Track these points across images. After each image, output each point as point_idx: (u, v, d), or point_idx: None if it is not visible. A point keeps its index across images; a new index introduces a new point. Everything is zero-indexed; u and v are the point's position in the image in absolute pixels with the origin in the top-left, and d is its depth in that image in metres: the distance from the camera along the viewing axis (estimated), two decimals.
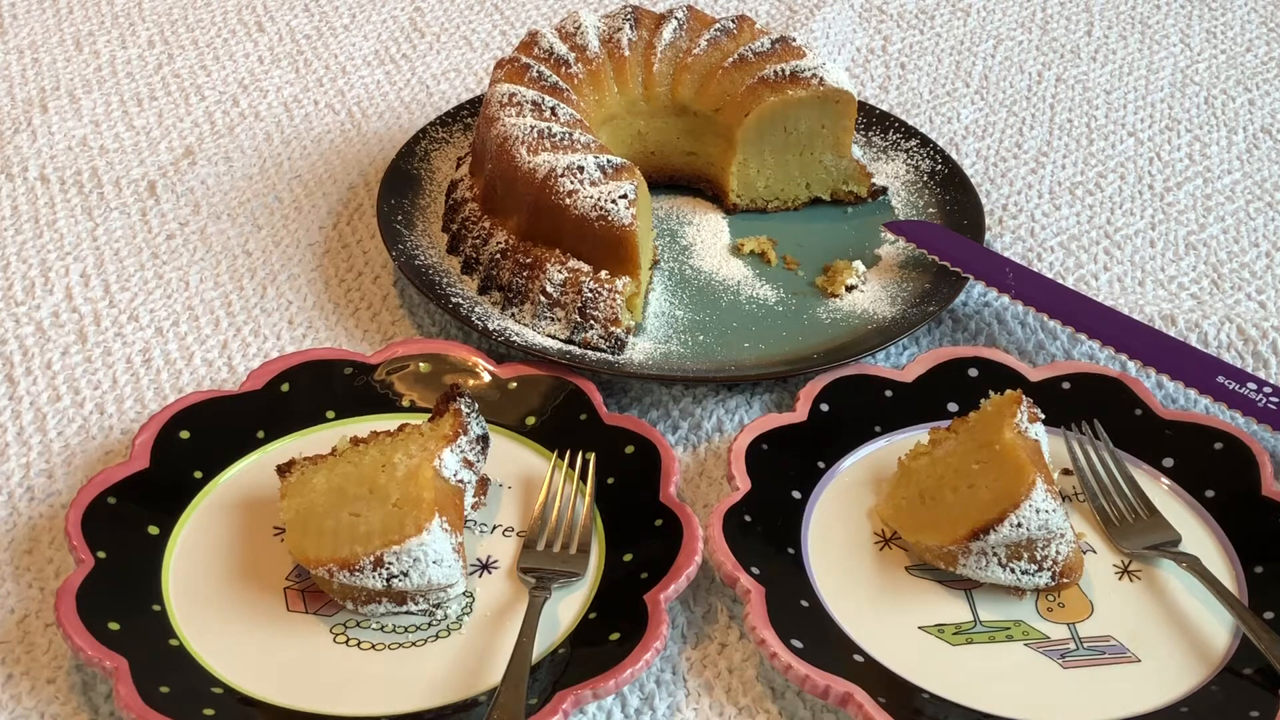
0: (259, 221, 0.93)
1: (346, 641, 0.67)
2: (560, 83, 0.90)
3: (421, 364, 0.81)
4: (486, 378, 0.80)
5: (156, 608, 0.67)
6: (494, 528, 0.73)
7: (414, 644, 0.67)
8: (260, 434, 0.76)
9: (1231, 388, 0.80)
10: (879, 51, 1.16)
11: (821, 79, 0.91)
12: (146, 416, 0.80)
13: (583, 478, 0.75)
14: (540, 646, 0.67)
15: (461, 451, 0.72)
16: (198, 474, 0.73)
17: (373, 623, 0.68)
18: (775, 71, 0.91)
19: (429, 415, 0.75)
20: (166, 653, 0.65)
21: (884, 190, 0.96)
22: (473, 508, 0.73)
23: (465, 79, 1.10)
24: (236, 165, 0.98)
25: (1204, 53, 1.18)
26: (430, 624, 0.68)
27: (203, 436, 0.75)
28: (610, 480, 0.75)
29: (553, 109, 0.87)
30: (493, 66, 0.99)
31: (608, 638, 0.67)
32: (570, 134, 0.85)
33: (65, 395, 0.80)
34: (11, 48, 1.11)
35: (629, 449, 0.76)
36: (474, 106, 0.99)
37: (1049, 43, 1.18)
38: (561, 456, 0.76)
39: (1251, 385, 0.80)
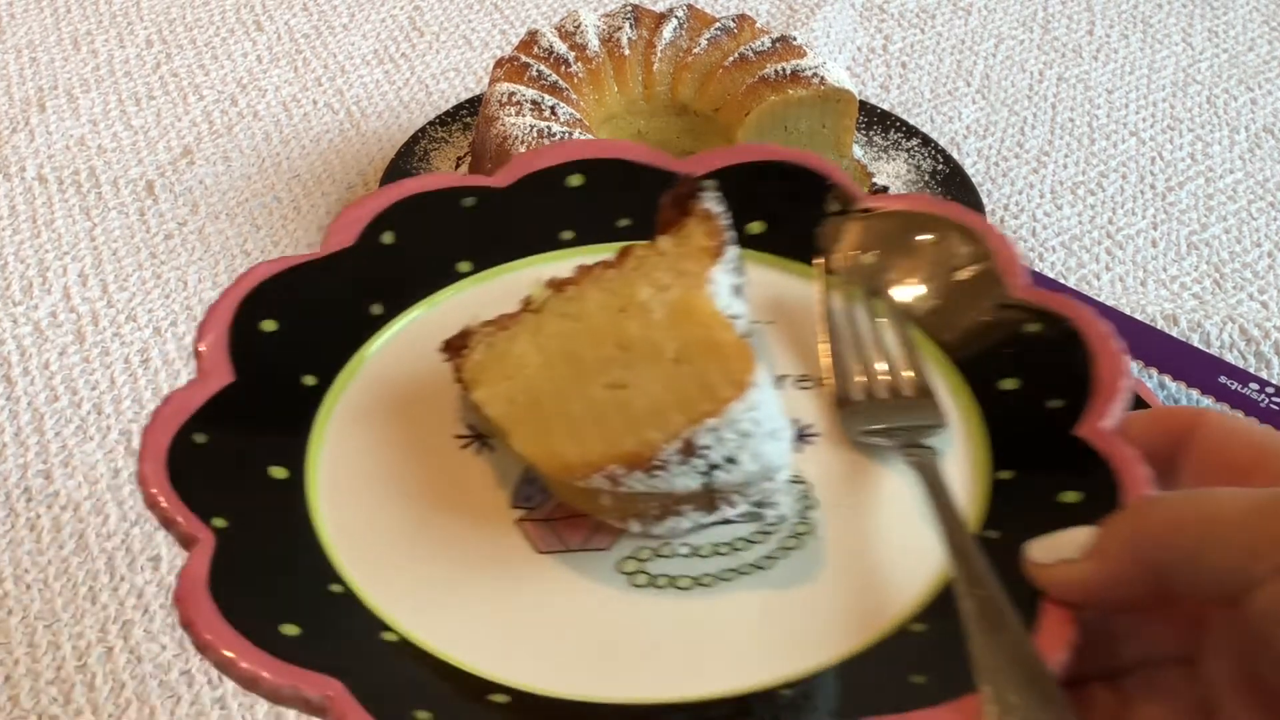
0: (258, 221, 0.93)
1: (651, 582, 0.45)
2: (560, 82, 0.90)
3: (572, 177, 0.57)
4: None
5: (336, 588, 0.44)
6: (779, 379, 0.51)
7: (755, 566, 0.45)
8: (377, 309, 0.53)
9: (1234, 388, 0.80)
10: (880, 51, 1.16)
11: (822, 78, 0.90)
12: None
13: (871, 288, 0.54)
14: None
15: (732, 270, 0.51)
16: (309, 379, 0.50)
17: (678, 546, 0.46)
18: (776, 71, 0.90)
19: (647, 236, 0.52)
20: (386, 655, 0.43)
21: (885, 190, 0.96)
22: None
23: (464, 78, 1.09)
24: (235, 165, 0.98)
25: (1206, 52, 1.18)
26: (765, 531, 0.46)
27: (296, 323, 0.51)
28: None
29: (552, 108, 0.87)
30: (492, 65, 0.99)
31: (1055, 499, 0.46)
32: (570, 134, 0.85)
33: (63, 395, 0.80)
34: (9, 47, 1.11)
35: (923, 236, 0.55)
36: (473, 106, 0.99)
37: (1050, 42, 1.18)
38: (828, 267, 0.55)
39: (1254, 385, 0.80)
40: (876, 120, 1.01)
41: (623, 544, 0.46)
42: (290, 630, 0.42)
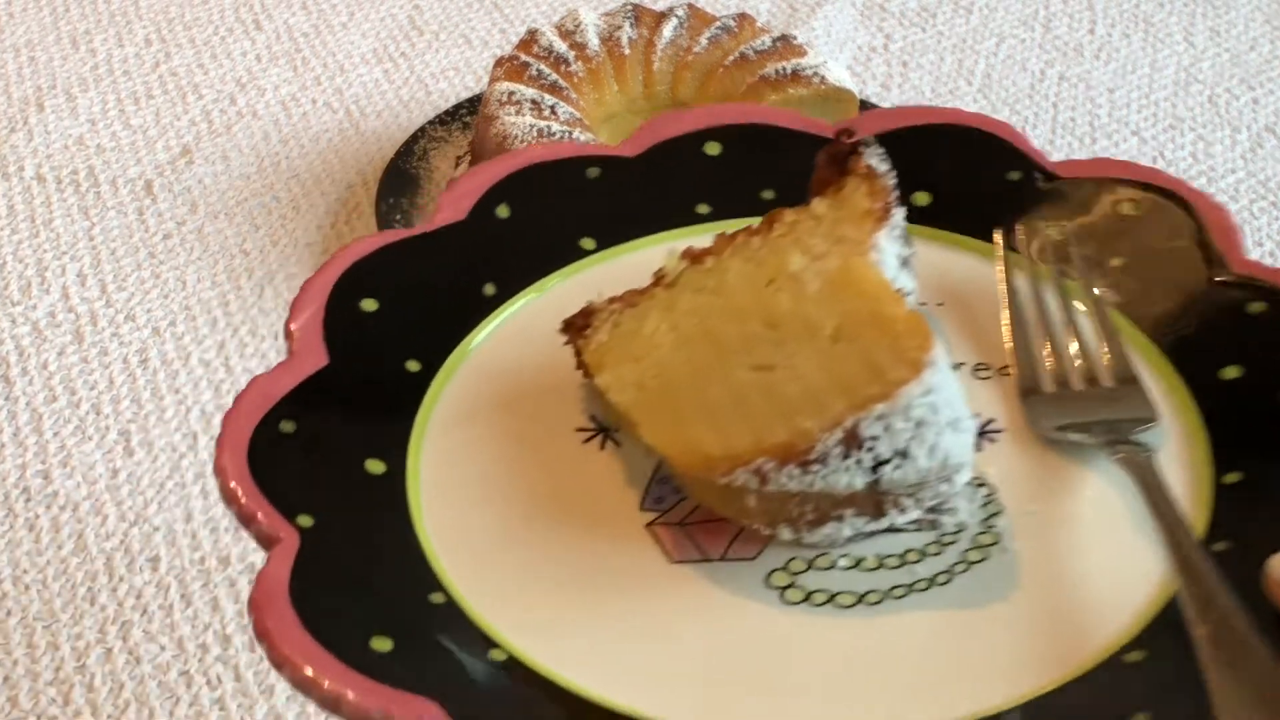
0: (256, 221, 0.93)
1: (806, 598, 0.39)
2: (560, 81, 0.90)
3: (709, 145, 0.51)
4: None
5: (437, 598, 0.39)
6: (955, 366, 0.45)
7: (930, 581, 0.39)
8: (489, 289, 0.48)
9: None
10: (880, 49, 1.15)
11: (823, 77, 0.90)
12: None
13: (1062, 266, 0.47)
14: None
15: (899, 239, 0.44)
16: (413, 365, 0.45)
17: (836, 557, 0.40)
18: (776, 70, 0.90)
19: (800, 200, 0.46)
20: (491, 676, 0.38)
21: None
22: None
23: (464, 77, 1.09)
24: (234, 164, 0.98)
25: (1208, 51, 1.17)
26: (942, 543, 0.40)
27: (401, 305, 0.47)
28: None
29: (552, 107, 0.87)
30: (492, 65, 0.99)
31: None
32: (570, 133, 0.85)
33: (62, 395, 0.80)
34: (8, 46, 1.11)
35: (1121, 205, 0.49)
36: (473, 105, 0.98)
37: (1052, 41, 1.18)
38: (1007, 241, 0.48)
39: None
40: None
41: (771, 553, 0.40)
42: (382, 645, 0.37)
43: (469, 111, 0.98)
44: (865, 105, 1.00)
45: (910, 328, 0.38)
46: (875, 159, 0.45)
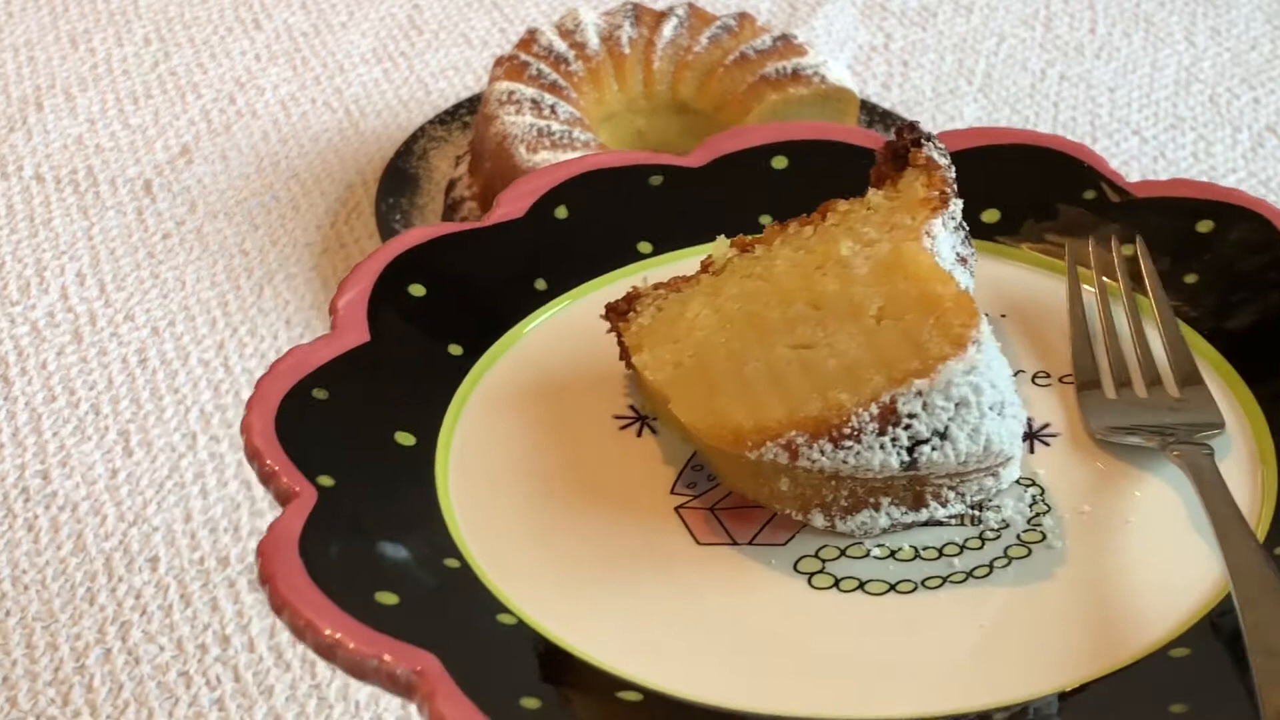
0: (256, 221, 0.93)
1: (835, 584, 0.38)
2: (560, 80, 0.90)
3: (776, 158, 0.52)
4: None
5: (451, 562, 0.39)
6: (1015, 374, 0.42)
7: (968, 574, 0.38)
8: (540, 284, 0.48)
9: None
10: (881, 49, 1.15)
11: (823, 77, 0.90)
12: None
13: (1133, 277, 0.46)
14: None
15: (955, 225, 0.43)
16: (455, 349, 0.45)
17: (870, 546, 0.38)
18: (777, 69, 0.90)
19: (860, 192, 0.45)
20: (497, 637, 0.37)
21: None
22: None
23: (464, 77, 1.09)
24: (233, 164, 0.98)
25: (1208, 51, 1.17)
26: (981, 539, 0.38)
27: (449, 293, 0.47)
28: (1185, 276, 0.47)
29: (552, 107, 0.87)
30: (492, 64, 0.99)
31: None
32: (570, 132, 0.85)
33: (61, 395, 0.80)
34: (6, 45, 1.10)
35: (1196, 224, 0.48)
36: (473, 105, 0.98)
37: (1052, 40, 1.18)
38: (1076, 258, 0.48)
39: None
40: (878, 119, 1.00)
41: (802, 540, 0.38)
42: (387, 598, 0.36)
43: (469, 111, 0.98)
44: (866, 105, 1.00)
45: (957, 305, 0.37)
46: (935, 151, 0.44)
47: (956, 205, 0.43)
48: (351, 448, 0.41)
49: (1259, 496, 0.40)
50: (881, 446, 0.36)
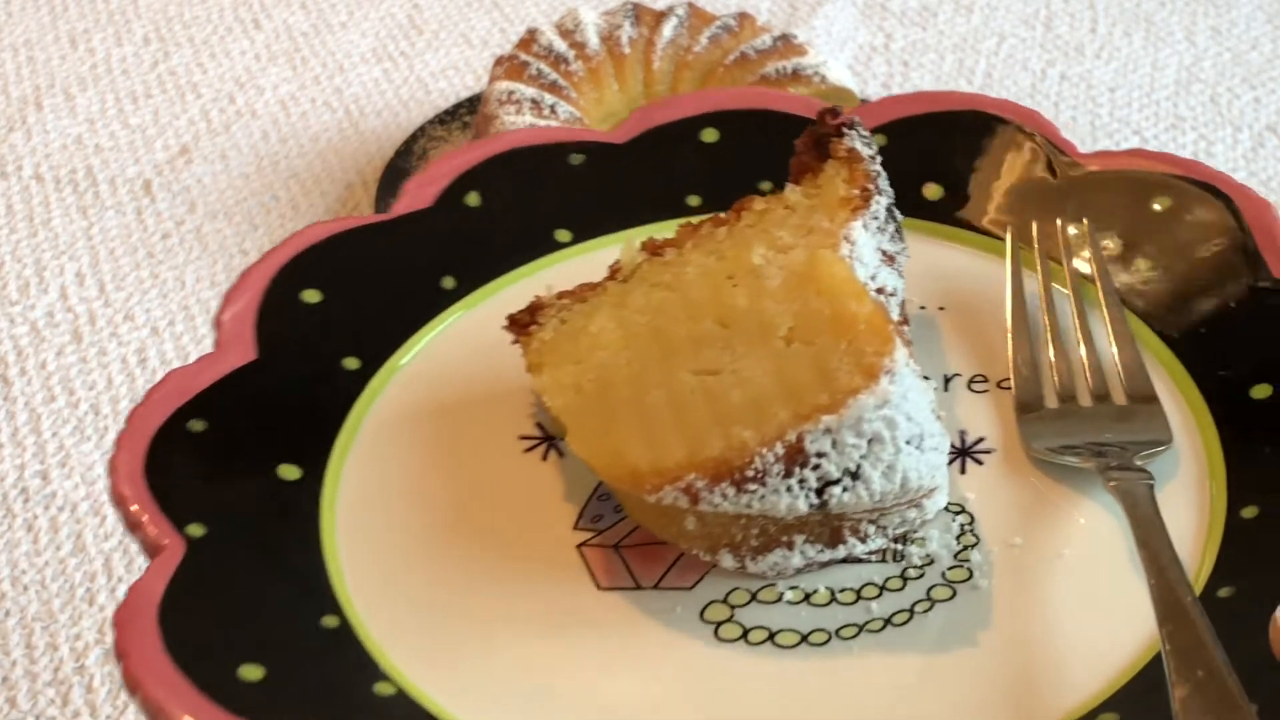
0: (255, 221, 0.93)
1: (743, 635, 0.35)
2: (559, 80, 0.90)
3: (705, 131, 0.47)
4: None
5: (330, 621, 0.36)
6: (947, 380, 0.41)
7: (888, 622, 0.35)
8: (448, 282, 0.44)
9: None
10: (881, 49, 1.15)
11: (824, 76, 0.90)
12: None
13: (1079, 269, 0.43)
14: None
15: (878, 227, 0.40)
16: (350, 362, 0.42)
17: (783, 589, 0.36)
18: (777, 69, 0.90)
19: (776, 188, 0.42)
20: (374, 713, 0.34)
21: None
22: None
23: (464, 76, 1.09)
24: (233, 164, 0.98)
25: (1209, 50, 1.17)
26: (903, 578, 0.36)
27: (347, 298, 0.43)
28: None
29: (552, 107, 0.87)
30: (491, 64, 0.98)
31: None
32: None
33: (60, 395, 0.80)
34: (6, 45, 1.10)
35: (1151, 202, 0.43)
36: (473, 104, 0.98)
37: (1053, 40, 1.18)
38: (1021, 239, 0.43)
39: None
40: None
41: (711, 582, 0.36)
42: (252, 673, 0.33)
43: (469, 111, 0.98)
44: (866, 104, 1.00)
45: (870, 328, 0.34)
46: (859, 141, 0.41)
47: (880, 203, 0.40)
48: (228, 488, 0.37)
49: (1206, 517, 0.36)
50: (788, 489, 0.33)
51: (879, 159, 0.41)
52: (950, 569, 0.36)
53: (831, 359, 0.33)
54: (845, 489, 0.33)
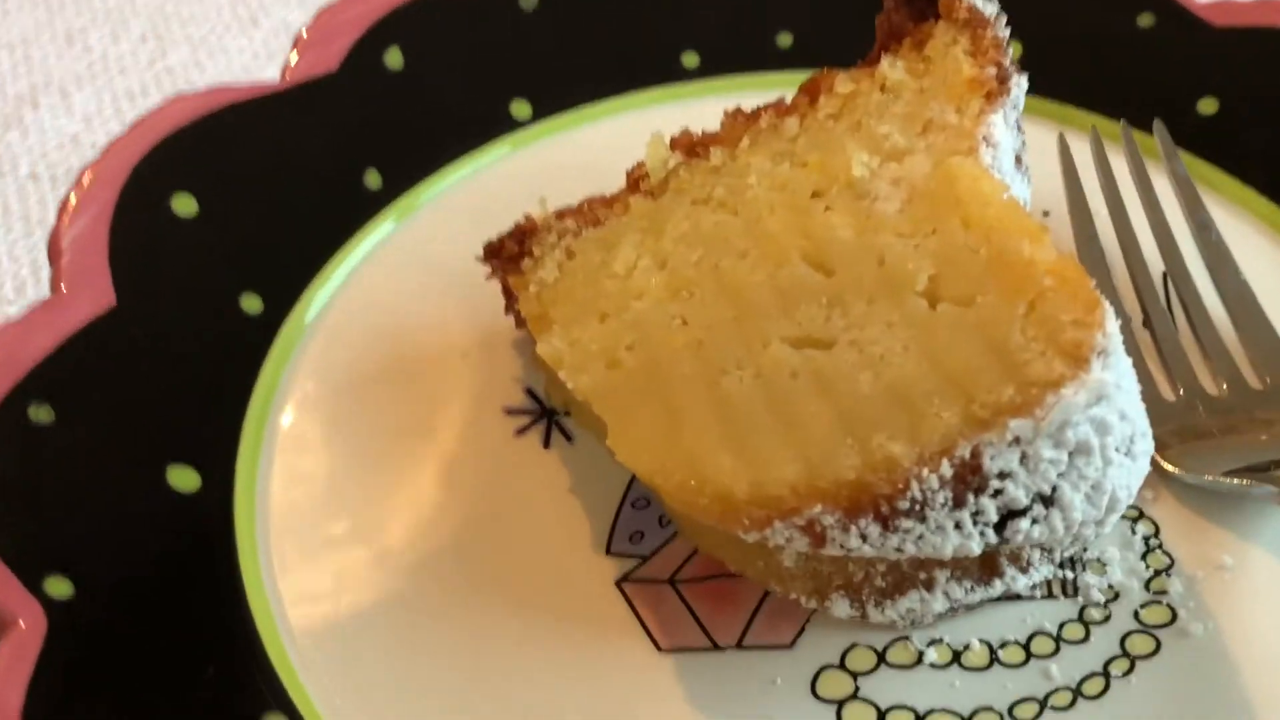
0: None
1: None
2: None
3: None
4: None
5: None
6: None
7: (1076, 695, 0.24)
8: (372, 179, 0.30)
9: None
10: None
11: None
12: None
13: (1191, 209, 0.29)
14: None
15: (1017, 118, 0.29)
16: (251, 301, 0.29)
17: (920, 645, 0.24)
18: None
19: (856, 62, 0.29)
20: None
21: None
22: None
23: None
24: None
25: None
26: (1084, 622, 0.25)
27: (234, 204, 0.28)
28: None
29: None
30: None
31: None
32: None
33: None
34: (2, 43, 1.10)
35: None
36: None
37: None
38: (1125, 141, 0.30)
39: None
40: None
41: (816, 637, 0.25)
42: None
43: None
44: None
45: (1064, 282, 0.22)
46: (984, 2, 0.28)
47: (1020, 87, 0.28)
48: (98, 512, 0.24)
49: None
50: (957, 525, 0.23)
51: (1004, 17, 0.29)
52: (1144, 606, 0.25)
53: (1009, 330, 0.22)
54: (1035, 520, 0.22)
